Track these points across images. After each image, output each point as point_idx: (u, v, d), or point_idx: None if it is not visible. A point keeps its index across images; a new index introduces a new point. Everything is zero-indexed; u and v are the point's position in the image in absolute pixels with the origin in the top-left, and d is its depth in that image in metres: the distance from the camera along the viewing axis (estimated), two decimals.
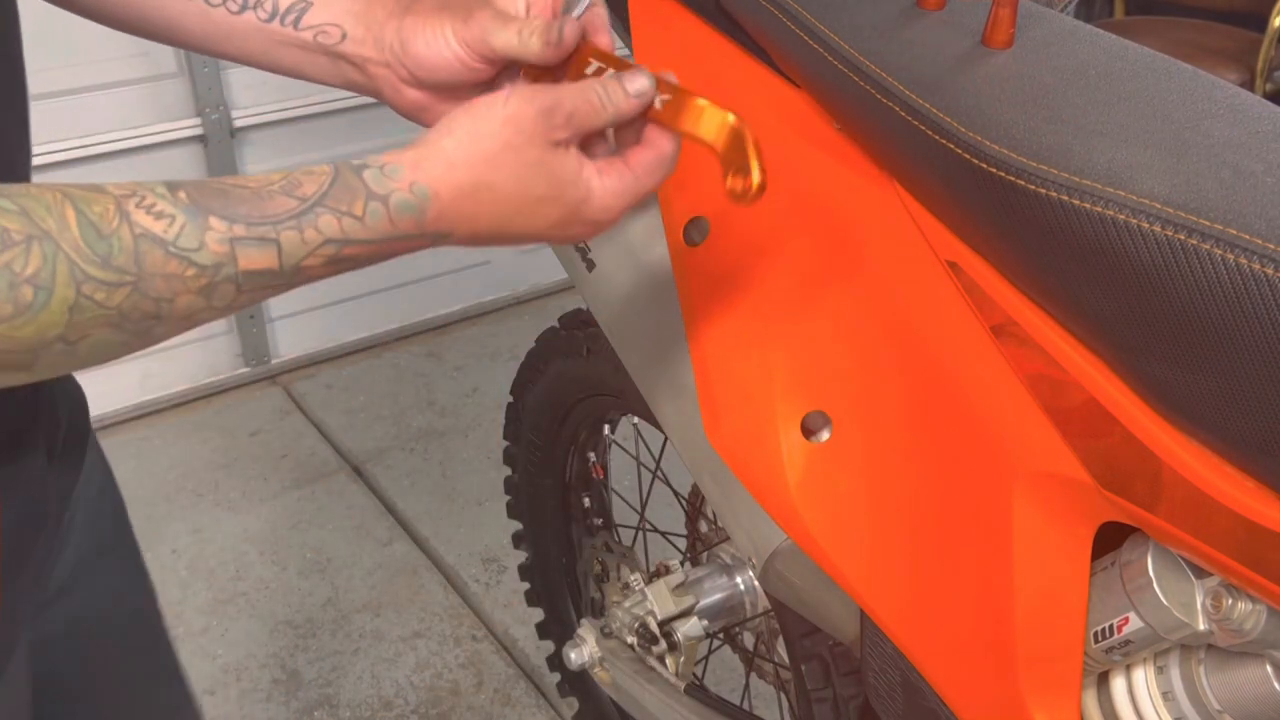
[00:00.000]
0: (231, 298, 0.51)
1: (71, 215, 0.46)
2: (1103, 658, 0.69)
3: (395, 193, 0.53)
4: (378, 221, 0.53)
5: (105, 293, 0.46)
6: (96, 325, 0.47)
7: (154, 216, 0.48)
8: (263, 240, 0.50)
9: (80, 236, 0.46)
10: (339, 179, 0.53)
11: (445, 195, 0.55)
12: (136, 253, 0.47)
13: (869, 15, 0.77)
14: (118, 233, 0.47)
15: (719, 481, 0.92)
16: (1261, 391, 0.54)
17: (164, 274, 0.48)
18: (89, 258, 0.46)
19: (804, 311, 0.81)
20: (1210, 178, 0.57)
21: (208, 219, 0.49)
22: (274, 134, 2.42)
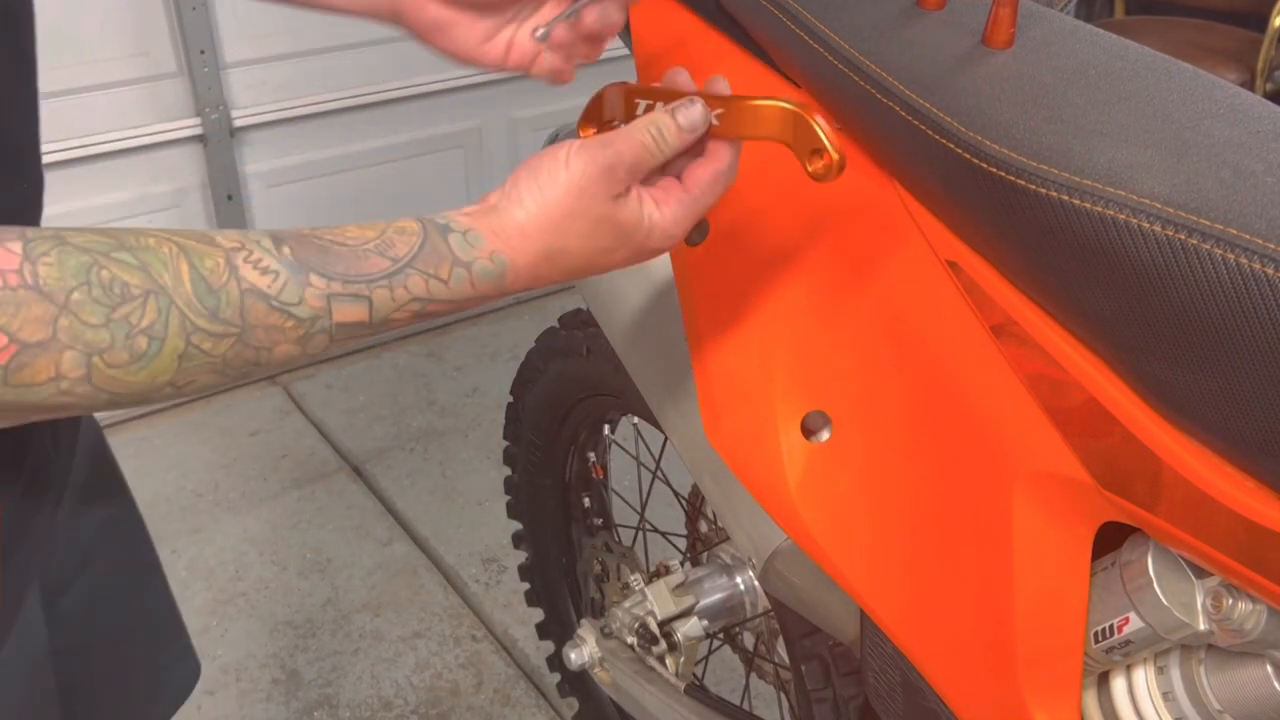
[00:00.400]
0: (324, 346, 0.55)
1: (185, 270, 0.49)
2: (1103, 658, 0.69)
3: (478, 261, 0.58)
4: (460, 285, 0.58)
5: (212, 343, 0.50)
6: (202, 372, 0.51)
7: (260, 272, 0.51)
8: (357, 297, 0.54)
9: (192, 290, 0.49)
10: (428, 243, 0.57)
11: (522, 264, 0.59)
12: (242, 306, 0.51)
13: (869, 15, 0.77)
14: (226, 287, 0.50)
15: (719, 481, 0.92)
16: (1262, 391, 0.54)
17: (265, 325, 0.52)
18: (199, 311, 0.50)
19: (804, 311, 0.81)
20: (1210, 177, 0.57)
21: (308, 275, 0.53)
22: (274, 134, 2.42)
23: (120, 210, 2.27)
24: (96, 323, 0.47)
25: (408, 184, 2.60)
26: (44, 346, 0.46)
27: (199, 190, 2.38)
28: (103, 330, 0.47)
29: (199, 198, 2.39)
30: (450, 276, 0.57)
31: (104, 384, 0.48)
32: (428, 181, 2.63)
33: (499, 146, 2.71)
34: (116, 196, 2.27)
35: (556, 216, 0.59)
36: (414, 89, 2.52)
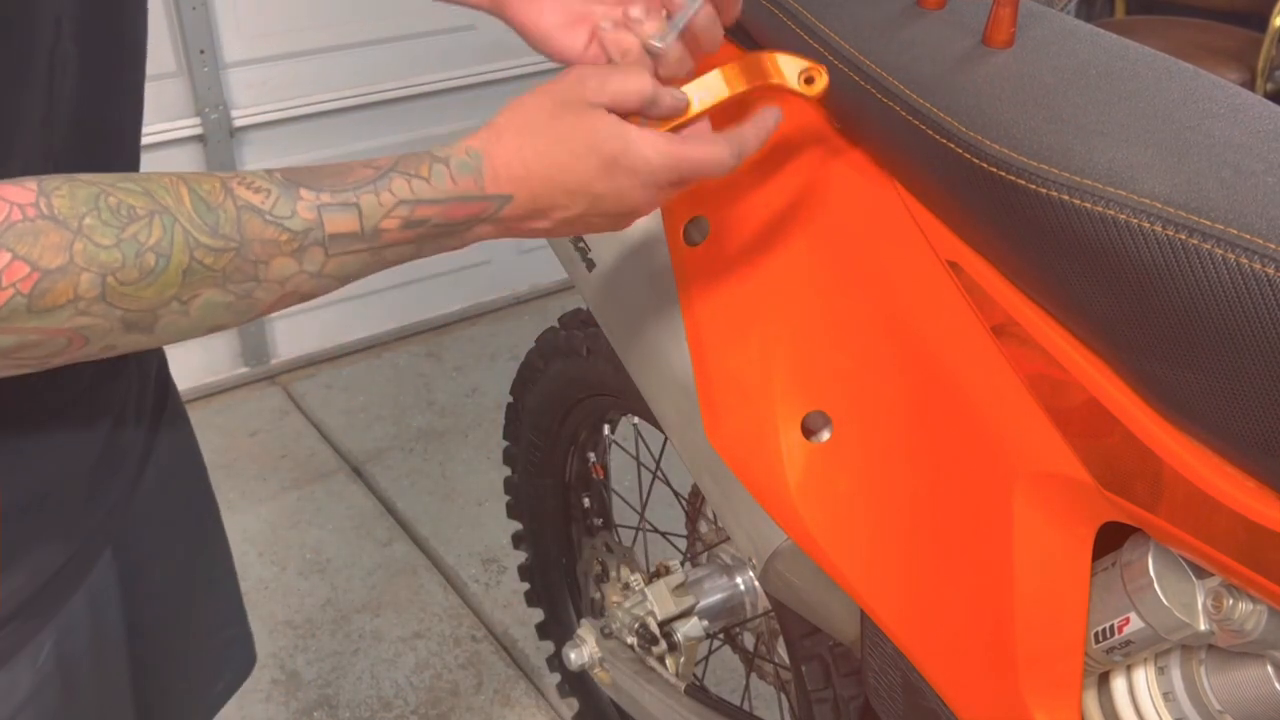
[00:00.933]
0: (321, 261, 0.57)
1: (185, 192, 0.53)
2: (1103, 658, 0.69)
3: (454, 156, 0.60)
4: (441, 181, 0.59)
5: (213, 257, 0.53)
6: (204, 285, 0.53)
7: (253, 191, 0.55)
8: (345, 205, 0.57)
9: (193, 209, 0.53)
10: (410, 153, 0.60)
11: (496, 157, 0.61)
12: (239, 221, 0.54)
13: (869, 15, 0.77)
14: (223, 205, 0.53)
15: (719, 482, 0.92)
16: (1262, 391, 0.54)
17: (261, 239, 0.54)
18: (200, 227, 0.52)
19: (804, 311, 0.81)
20: (1211, 177, 0.57)
21: (298, 190, 0.56)
22: (274, 134, 2.42)
23: None
24: (108, 244, 0.50)
25: None
26: (63, 271, 0.49)
27: None
28: (114, 250, 0.50)
29: None
30: (431, 173, 0.59)
31: (117, 300, 0.51)
32: None
33: None
34: None
35: (528, 114, 0.63)
36: (414, 89, 2.51)
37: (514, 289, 2.85)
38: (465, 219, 0.61)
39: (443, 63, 2.54)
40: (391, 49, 2.46)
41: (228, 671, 0.94)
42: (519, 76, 2.64)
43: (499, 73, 2.62)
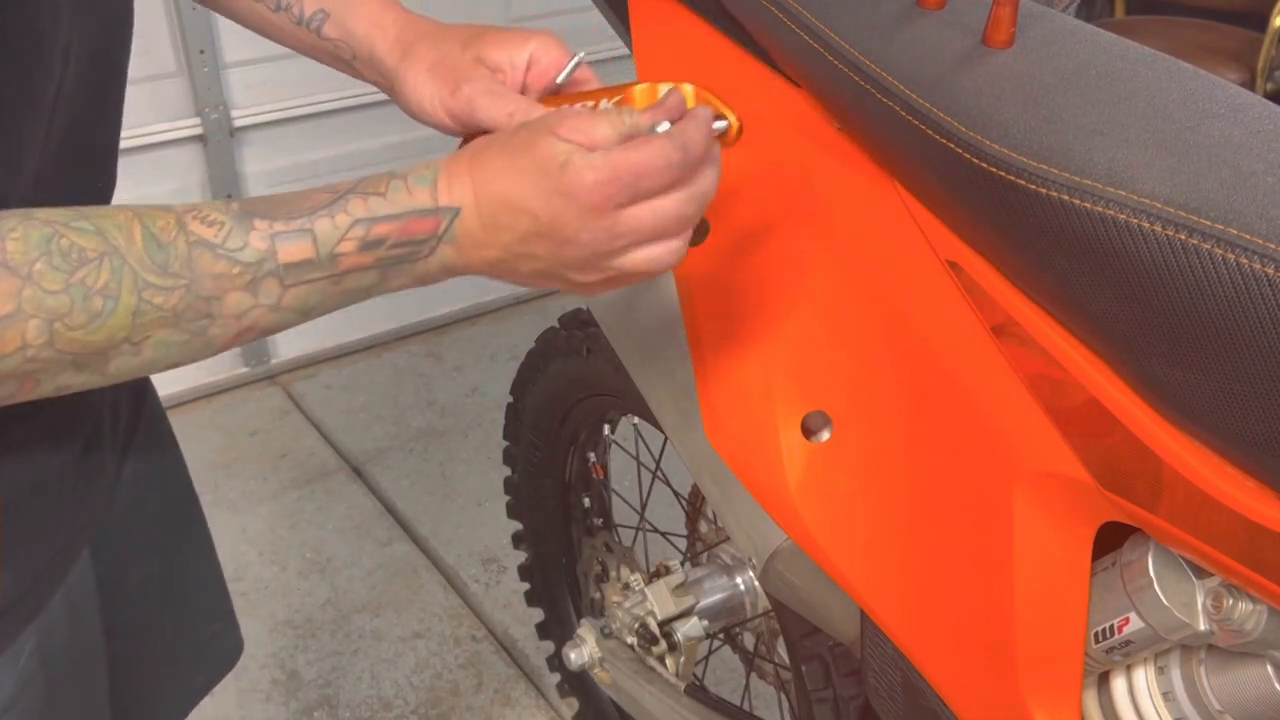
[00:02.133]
0: (277, 293, 0.55)
1: (138, 231, 0.52)
2: (1103, 658, 0.69)
3: (414, 171, 0.59)
4: (398, 194, 0.58)
5: (163, 296, 0.52)
6: (156, 326, 0.53)
7: (206, 225, 0.54)
8: (300, 231, 0.55)
9: (143, 248, 0.52)
10: (370, 175, 0.58)
11: (451, 170, 0.59)
12: (189, 258, 0.53)
13: (869, 15, 0.77)
14: (175, 242, 0.53)
15: (719, 482, 0.92)
16: (1262, 391, 0.54)
17: (212, 274, 0.53)
18: (149, 266, 0.52)
19: (804, 311, 0.81)
20: (1211, 177, 0.57)
21: (252, 221, 0.54)
22: (273, 134, 2.42)
23: None
24: (56, 289, 0.49)
25: None
26: (11, 319, 0.49)
27: (199, 190, 2.38)
28: (63, 295, 0.50)
29: (198, 197, 2.39)
30: (389, 188, 0.57)
31: (66, 346, 0.51)
32: None
33: None
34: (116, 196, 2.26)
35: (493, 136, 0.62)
36: None
37: (514, 289, 2.84)
38: (423, 236, 0.58)
39: None
40: None
41: (210, 665, 0.95)
42: None
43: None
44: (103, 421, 0.73)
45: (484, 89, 0.70)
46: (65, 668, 0.71)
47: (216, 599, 0.96)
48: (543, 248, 0.59)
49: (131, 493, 0.80)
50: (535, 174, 0.58)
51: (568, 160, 0.58)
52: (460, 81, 0.71)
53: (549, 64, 0.74)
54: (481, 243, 0.59)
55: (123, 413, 0.77)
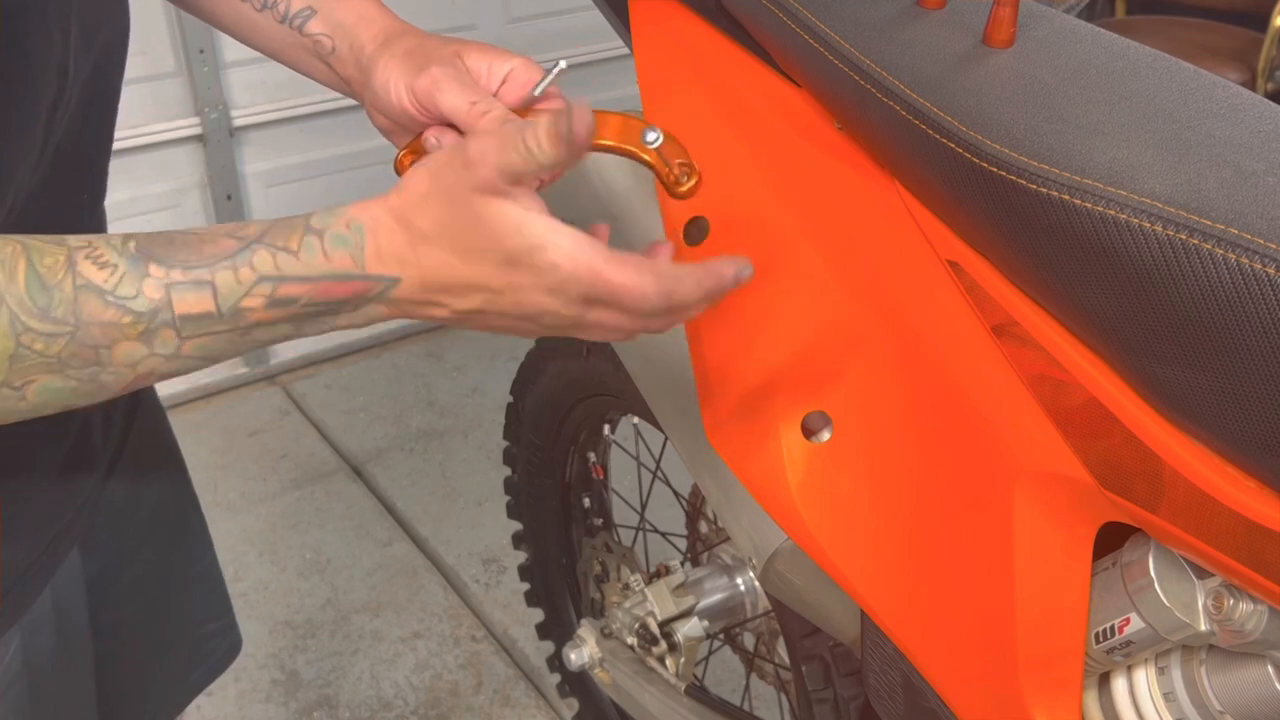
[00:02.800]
0: (175, 345, 0.51)
1: (22, 269, 0.48)
2: (1104, 658, 0.69)
3: (331, 228, 0.53)
4: (312, 256, 0.52)
5: (44, 343, 0.48)
6: (38, 372, 0.49)
7: (98, 266, 0.49)
8: (198, 283, 0.51)
9: (25, 290, 0.48)
10: (282, 222, 0.53)
11: (381, 235, 0.54)
12: (75, 303, 0.49)
13: (870, 14, 0.77)
14: (60, 284, 0.48)
15: (719, 482, 0.92)
16: (1263, 391, 0.54)
17: (100, 322, 0.49)
18: (30, 310, 0.48)
19: (804, 311, 0.81)
20: (1211, 177, 0.57)
21: (147, 266, 0.50)
22: (273, 133, 2.42)
23: (119, 210, 2.27)
24: None
25: None
26: None
27: (198, 190, 2.38)
28: None
29: (198, 197, 2.39)
30: (301, 246, 0.52)
31: None
32: None
33: None
34: (115, 196, 2.26)
35: (417, 195, 0.54)
36: None
37: None
38: (344, 298, 0.54)
39: None
40: None
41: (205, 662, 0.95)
42: None
43: None
44: (92, 422, 0.73)
45: (453, 74, 0.66)
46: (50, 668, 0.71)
47: (213, 598, 0.96)
48: (497, 318, 0.56)
49: (125, 492, 0.80)
50: (490, 253, 0.54)
51: (534, 243, 0.53)
52: (431, 64, 0.67)
53: (526, 83, 0.69)
54: (423, 303, 0.55)
55: (116, 413, 0.77)
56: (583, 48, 2.69)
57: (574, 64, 2.96)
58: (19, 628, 0.67)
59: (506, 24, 2.61)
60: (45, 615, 0.70)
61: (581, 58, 2.70)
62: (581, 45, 2.69)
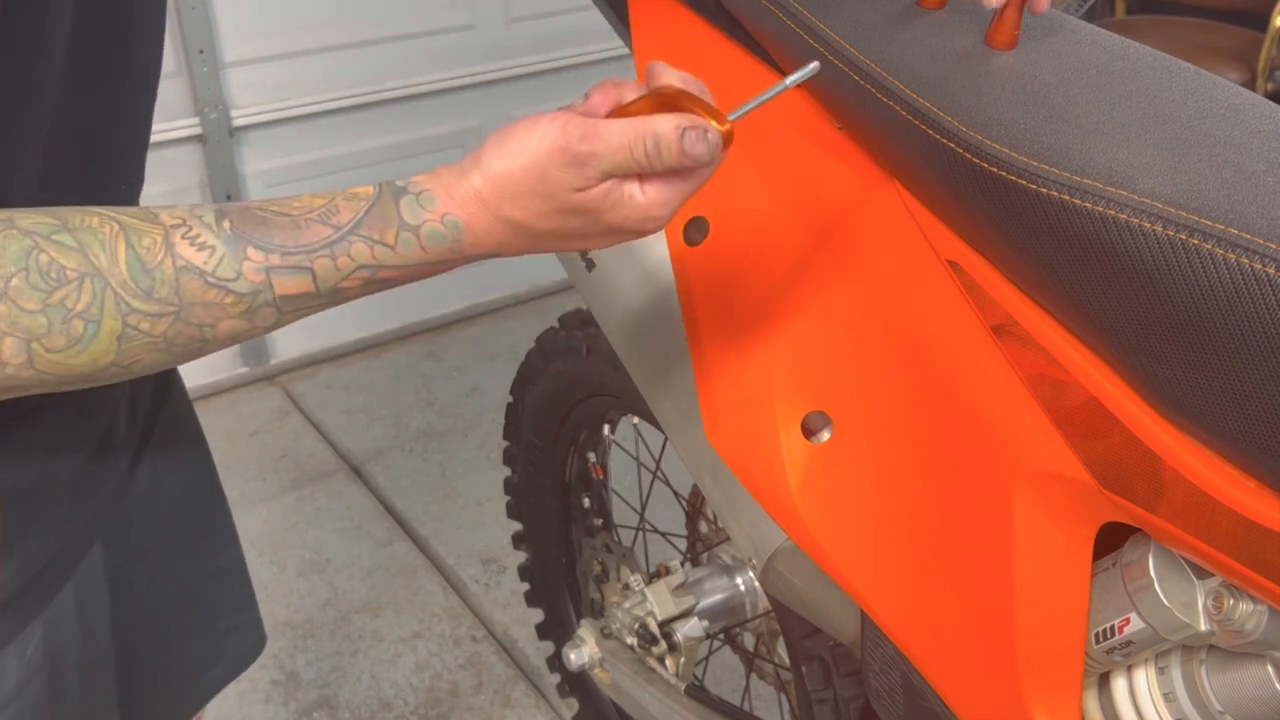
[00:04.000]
0: (274, 319, 0.54)
1: (122, 250, 0.49)
2: (1104, 658, 0.69)
3: (427, 223, 0.55)
4: (409, 250, 0.55)
5: (150, 323, 0.50)
6: (145, 351, 0.51)
7: (196, 248, 0.51)
8: (298, 268, 0.52)
9: (127, 271, 0.49)
10: (375, 207, 0.54)
11: (479, 227, 0.56)
12: (178, 284, 0.50)
13: (870, 14, 0.77)
14: (161, 265, 0.50)
15: (719, 482, 0.92)
16: (1262, 391, 0.54)
17: (203, 302, 0.51)
18: (134, 291, 0.49)
19: (804, 311, 0.81)
20: (1211, 177, 0.57)
21: (245, 249, 0.51)
22: (273, 133, 2.42)
23: None
24: (34, 308, 0.47)
25: None
26: None
27: (198, 190, 2.38)
28: (40, 315, 0.47)
29: (198, 197, 2.39)
30: (397, 241, 0.54)
31: (46, 367, 0.49)
32: None
33: None
34: None
35: (514, 189, 0.55)
36: (413, 89, 2.52)
37: (514, 289, 2.85)
38: (436, 273, 0.57)
39: (443, 63, 2.54)
40: (391, 49, 2.46)
41: (226, 657, 0.94)
42: (518, 76, 2.64)
43: (499, 72, 2.62)
44: (117, 417, 0.73)
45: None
46: (71, 661, 0.71)
47: (237, 593, 0.95)
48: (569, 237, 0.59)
49: (149, 487, 0.80)
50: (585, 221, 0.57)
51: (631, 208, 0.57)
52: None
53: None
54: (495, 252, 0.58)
55: (141, 408, 0.77)
56: (583, 48, 2.69)
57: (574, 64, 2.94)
58: (41, 621, 0.67)
59: (507, 24, 2.61)
60: (68, 609, 0.70)
61: (581, 58, 2.70)
62: (581, 45, 2.69)
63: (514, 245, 0.57)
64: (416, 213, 0.55)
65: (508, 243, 0.57)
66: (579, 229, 0.57)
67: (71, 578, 0.70)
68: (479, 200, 0.55)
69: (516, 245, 0.58)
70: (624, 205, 0.57)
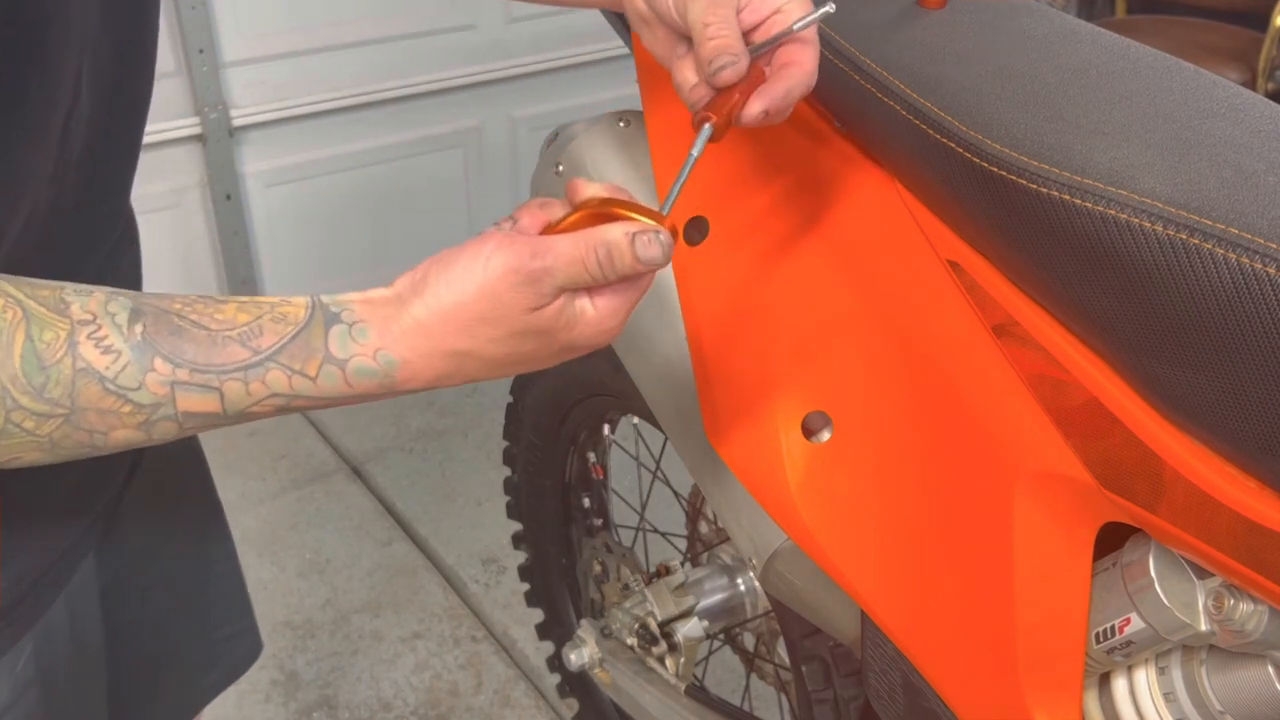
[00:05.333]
0: (175, 433, 0.51)
1: (19, 341, 0.46)
2: (1104, 658, 0.69)
3: (356, 358, 0.51)
4: (332, 383, 0.52)
5: (35, 421, 0.47)
6: (25, 449, 0.48)
7: (101, 350, 0.48)
8: (205, 387, 0.50)
9: (20, 366, 0.46)
10: (301, 334, 0.51)
11: (418, 363, 0.53)
12: (73, 387, 0.47)
13: (870, 14, 0.77)
14: (59, 364, 0.47)
15: (719, 482, 0.92)
16: (1263, 391, 0.54)
17: (99, 409, 0.48)
18: (24, 387, 0.46)
19: (804, 311, 0.81)
20: (1212, 177, 0.57)
21: (153, 359, 0.49)
22: (273, 133, 2.42)
23: None
24: None
25: (407, 183, 2.59)
26: None
27: (198, 189, 2.38)
28: None
29: (198, 197, 2.39)
30: (319, 373, 0.51)
31: None
32: (427, 181, 2.63)
33: (498, 145, 2.71)
34: None
35: (463, 318, 0.52)
36: (413, 88, 2.51)
37: None
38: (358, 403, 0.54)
39: (443, 62, 2.54)
40: (391, 48, 2.46)
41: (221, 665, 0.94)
42: (518, 76, 2.64)
43: (499, 72, 2.62)
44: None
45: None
46: (63, 674, 0.70)
47: (233, 601, 0.95)
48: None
49: (144, 497, 0.79)
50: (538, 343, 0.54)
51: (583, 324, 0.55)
52: None
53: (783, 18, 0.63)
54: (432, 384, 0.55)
55: None
56: (583, 48, 2.69)
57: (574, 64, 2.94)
58: (33, 634, 0.67)
59: (507, 24, 2.61)
60: (60, 622, 0.69)
61: (581, 58, 2.70)
62: (581, 45, 2.69)
63: (456, 377, 0.54)
64: (346, 346, 0.51)
65: (449, 374, 0.54)
66: (531, 352, 0.54)
67: (64, 590, 0.69)
68: (421, 333, 0.52)
69: (459, 376, 0.54)
70: (577, 322, 0.55)
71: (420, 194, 2.61)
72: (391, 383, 0.53)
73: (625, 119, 0.99)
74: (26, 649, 0.67)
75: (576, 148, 0.99)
